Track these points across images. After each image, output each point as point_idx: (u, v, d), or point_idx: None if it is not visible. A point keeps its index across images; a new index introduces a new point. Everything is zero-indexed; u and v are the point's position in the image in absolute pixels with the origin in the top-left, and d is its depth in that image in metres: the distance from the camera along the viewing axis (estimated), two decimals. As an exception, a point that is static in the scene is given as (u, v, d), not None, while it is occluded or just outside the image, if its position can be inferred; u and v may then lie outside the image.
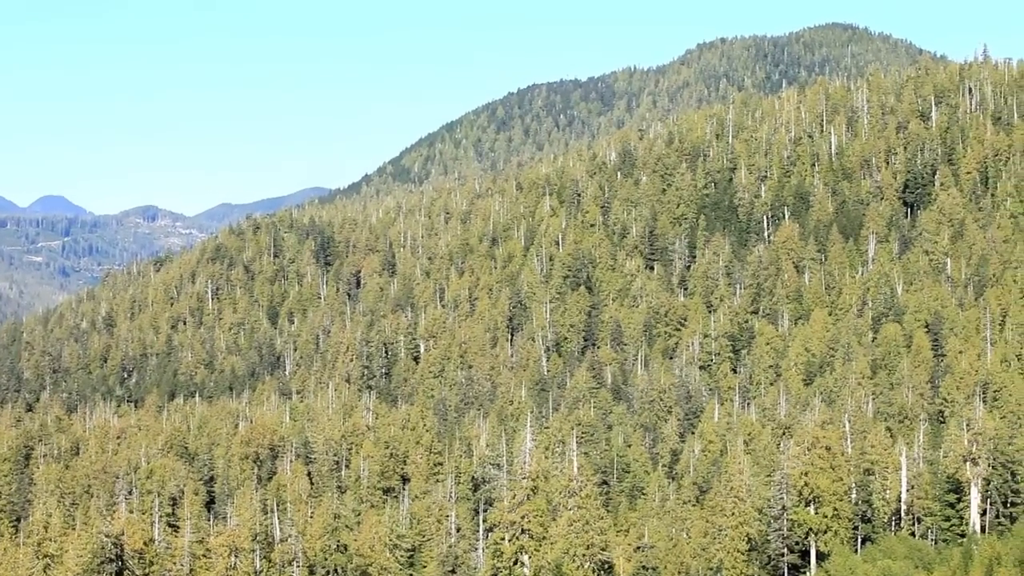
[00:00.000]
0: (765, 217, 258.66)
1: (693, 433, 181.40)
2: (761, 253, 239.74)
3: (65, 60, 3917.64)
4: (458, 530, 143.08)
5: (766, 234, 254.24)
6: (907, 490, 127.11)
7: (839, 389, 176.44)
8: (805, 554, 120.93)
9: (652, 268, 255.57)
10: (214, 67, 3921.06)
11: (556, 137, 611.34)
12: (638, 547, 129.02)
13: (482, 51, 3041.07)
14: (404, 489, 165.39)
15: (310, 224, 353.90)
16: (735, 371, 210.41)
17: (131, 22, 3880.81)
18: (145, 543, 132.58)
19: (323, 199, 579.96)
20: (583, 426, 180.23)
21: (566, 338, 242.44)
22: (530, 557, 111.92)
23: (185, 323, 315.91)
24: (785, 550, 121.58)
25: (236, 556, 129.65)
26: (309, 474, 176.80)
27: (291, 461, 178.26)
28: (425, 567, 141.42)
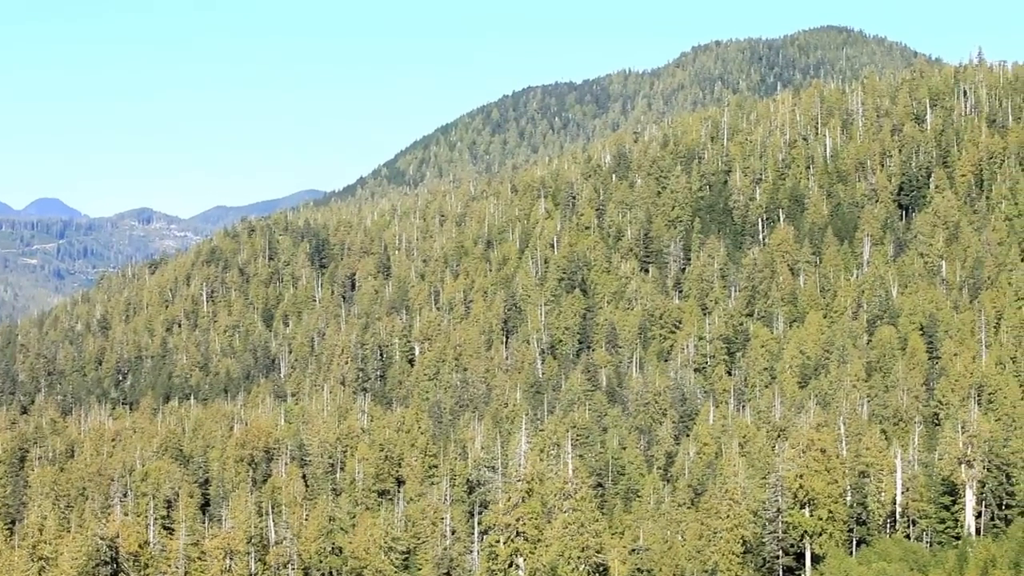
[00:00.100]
0: (760, 220, 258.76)
1: (688, 435, 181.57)
2: (756, 256, 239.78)
3: (60, 62, 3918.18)
4: (453, 532, 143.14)
5: (761, 236, 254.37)
6: (902, 492, 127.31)
7: (834, 391, 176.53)
8: (800, 556, 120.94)
9: (647, 270, 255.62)
10: (209, 69, 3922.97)
11: (551, 139, 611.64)
12: (633, 549, 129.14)
13: (477, 54, 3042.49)
14: (399, 491, 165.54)
15: (305, 227, 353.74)
16: (730, 373, 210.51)
17: (126, 24, 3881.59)
18: (140, 545, 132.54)
19: (318, 202, 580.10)
20: (578, 428, 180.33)
21: (561, 340, 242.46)
22: (525, 559, 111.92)
23: (180, 326, 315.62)
24: (780, 552, 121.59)
25: (231, 559, 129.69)
26: (304, 476, 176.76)
27: (286, 464, 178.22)
28: (420, 570, 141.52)
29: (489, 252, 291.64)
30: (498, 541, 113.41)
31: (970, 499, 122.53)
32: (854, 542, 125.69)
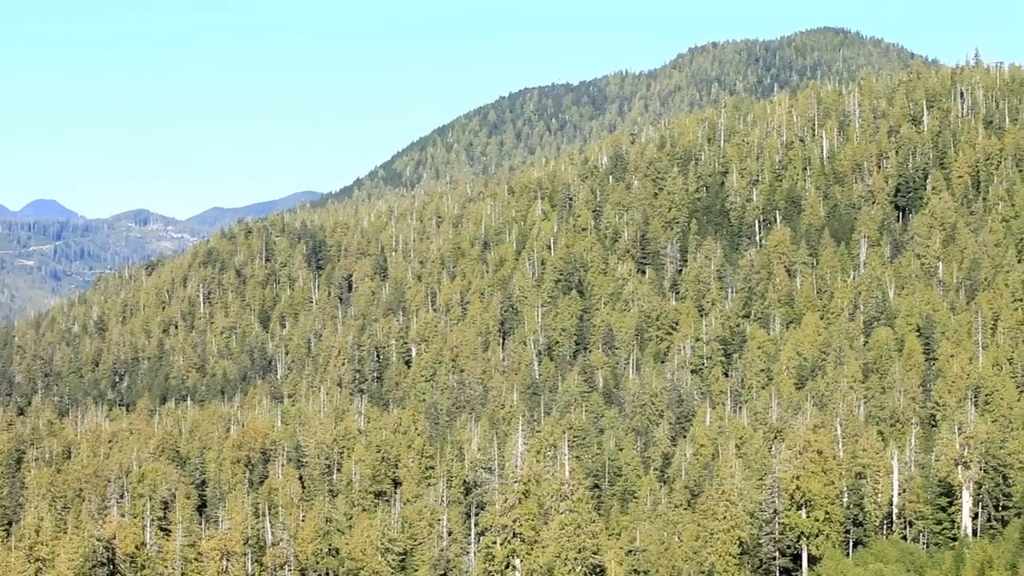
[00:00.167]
0: (757, 221, 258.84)
1: (685, 437, 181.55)
2: (753, 257, 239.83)
3: (56, 63, 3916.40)
4: (450, 534, 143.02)
5: (758, 238, 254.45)
6: (899, 494, 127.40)
7: (831, 393, 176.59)
8: (797, 558, 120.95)
9: (644, 272, 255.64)
10: (205, 71, 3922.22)
11: (548, 141, 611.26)
12: (630, 551, 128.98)
13: (474, 55, 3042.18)
14: (396, 493, 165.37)
15: (302, 228, 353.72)
16: (727, 375, 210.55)
17: (122, 26, 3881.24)
18: (137, 547, 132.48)
19: (315, 203, 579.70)
20: (575, 430, 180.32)
21: (558, 342, 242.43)
22: (522, 561, 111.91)
23: (177, 327, 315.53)
24: (777, 554, 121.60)
25: (228, 560, 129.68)
26: (300, 478, 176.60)
27: (283, 465, 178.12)
28: (417, 571, 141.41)
29: (486, 253, 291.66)
30: (495, 542, 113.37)
31: (967, 500, 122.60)
32: (851, 543, 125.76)
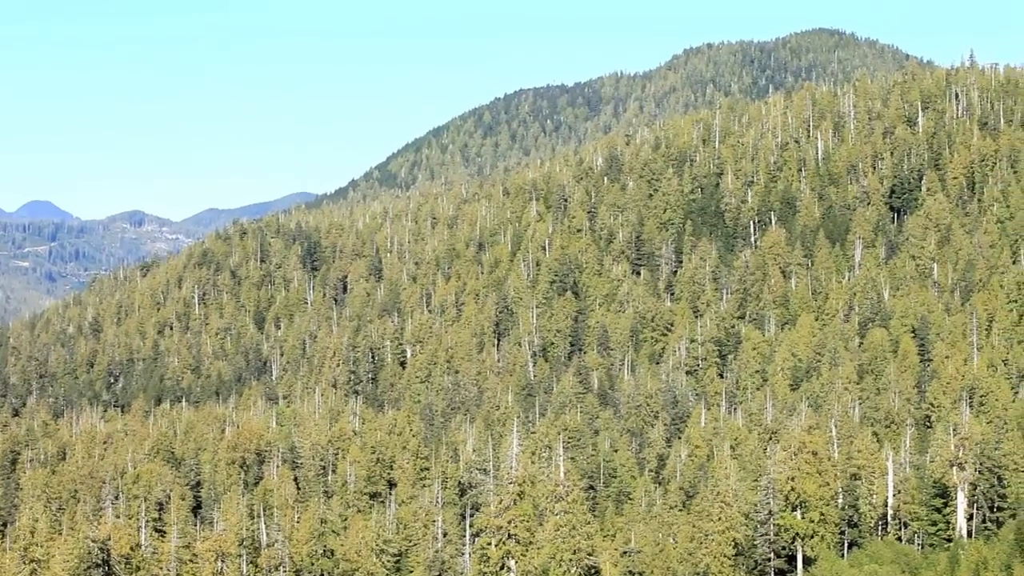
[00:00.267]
0: (752, 222, 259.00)
1: (680, 438, 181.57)
2: (748, 258, 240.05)
3: (52, 64, 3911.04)
4: (445, 535, 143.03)
5: (753, 239, 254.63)
6: (894, 495, 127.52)
7: (825, 394, 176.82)
8: (792, 559, 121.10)
9: (639, 273, 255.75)
10: (200, 72, 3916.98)
11: (543, 142, 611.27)
12: (624, 552, 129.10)
13: (469, 56, 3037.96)
14: (391, 494, 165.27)
15: (297, 229, 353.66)
16: (721, 376, 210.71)
17: (118, 27, 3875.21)
18: (132, 548, 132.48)
19: (310, 204, 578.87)
20: (570, 431, 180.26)
21: (553, 343, 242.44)
22: (517, 562, 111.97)
23: (172, 328, 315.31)
24: (772, 555, 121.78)
25: (223, 561, 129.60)
26: (296, 479, 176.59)
27: (278, 466, 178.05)
28: (412, 572, 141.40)
29: (481, 255, 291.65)
30: (490, 543, 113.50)
31: (961, 501, 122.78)
32: (845, 544, 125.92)
